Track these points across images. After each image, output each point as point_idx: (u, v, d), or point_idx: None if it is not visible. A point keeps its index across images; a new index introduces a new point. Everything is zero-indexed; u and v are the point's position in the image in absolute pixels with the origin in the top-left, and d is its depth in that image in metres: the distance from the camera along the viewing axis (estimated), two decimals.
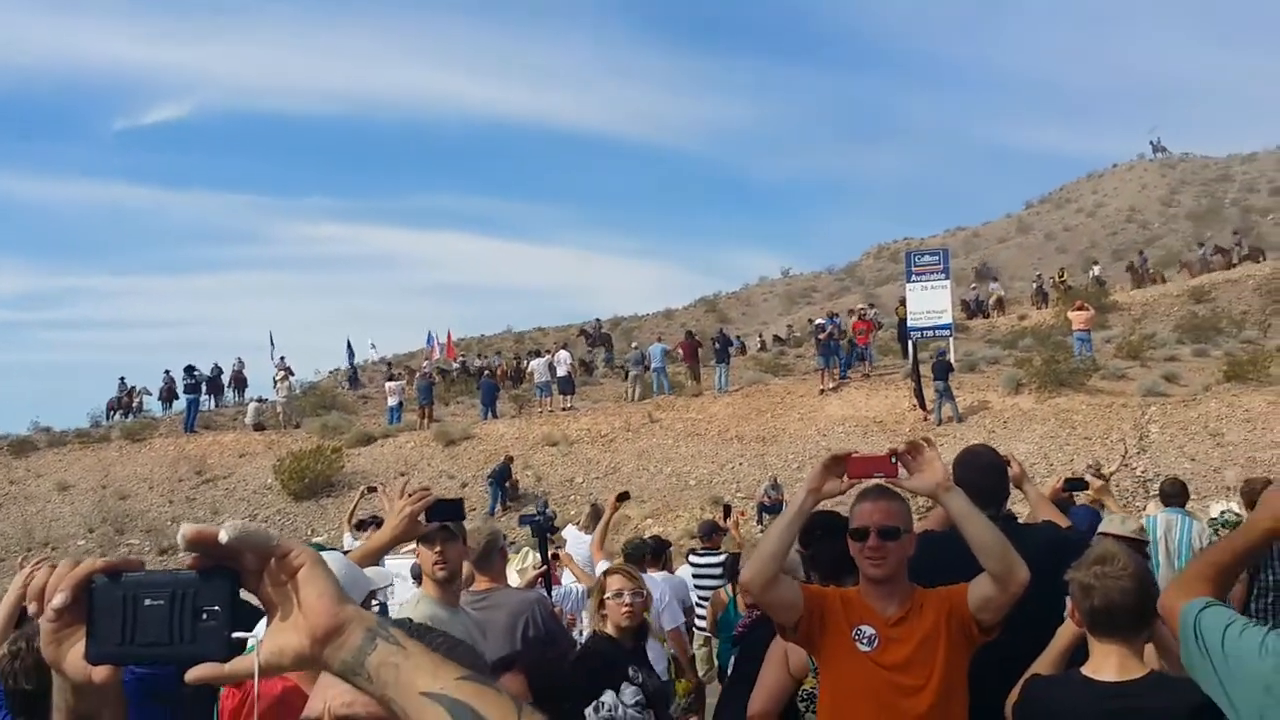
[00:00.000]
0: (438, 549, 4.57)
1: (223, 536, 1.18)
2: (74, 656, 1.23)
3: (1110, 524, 5.82)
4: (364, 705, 1.45)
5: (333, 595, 1.20)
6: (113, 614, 1.20)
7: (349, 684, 1.21)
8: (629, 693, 4.62)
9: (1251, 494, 9.22)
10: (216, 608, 1.19)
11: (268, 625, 1.23)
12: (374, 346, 55.13)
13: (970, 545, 3.41)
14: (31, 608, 1.24)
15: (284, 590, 1.22)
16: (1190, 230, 69.32)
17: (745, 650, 5.18)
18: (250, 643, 1.23)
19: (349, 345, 48.92)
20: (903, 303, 32.20)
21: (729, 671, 5.88)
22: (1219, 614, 2.70)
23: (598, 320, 55.92)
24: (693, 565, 10.95)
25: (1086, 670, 3.32)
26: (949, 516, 3.62)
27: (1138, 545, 5.52)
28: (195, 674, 1.19)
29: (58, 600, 1.20)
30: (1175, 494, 9.67)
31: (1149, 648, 3.48)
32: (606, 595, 4.99)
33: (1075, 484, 6.69)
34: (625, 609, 4.91)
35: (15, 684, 3.78)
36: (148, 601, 1.19)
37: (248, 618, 1.28)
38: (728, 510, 13.30)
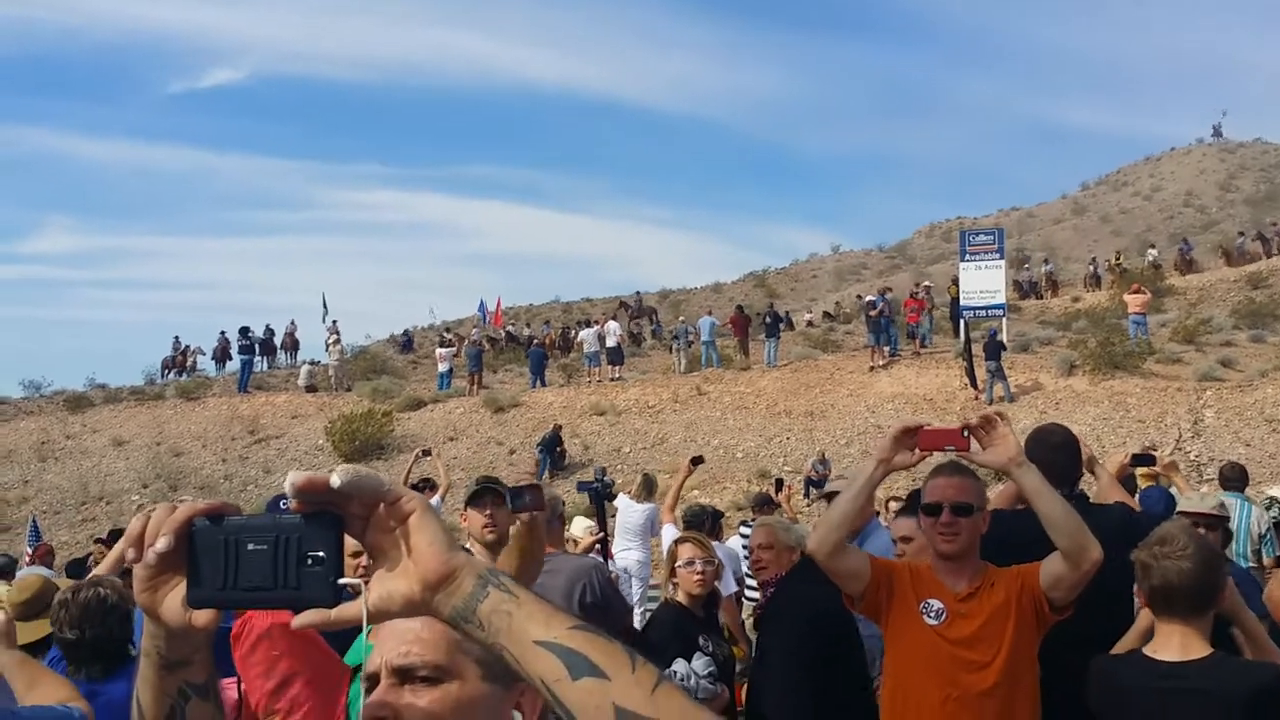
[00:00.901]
0: (487, 512, 4.58)
1: (335, 481, 1.16)
2: (171, 602, 1.22)
3: (1189, 502, 5.73)
4: (419, 655, 1.47)
5: (444, 542, 1.18)
6: (214, 558, 1.18)
7: (461, 631, 1.19)
8: (700, 663, 4.63)
9: None
10: (322, 553, 1.17)
11: (372, 572, 1.21)
12: (433, 311, 55.79)
13: (1042, 522, 3.39)
14: (130, 554, 1.22)
15: (392, 536, 1.20)
16: (1248, 216, 68.21)
17: (766, 628, 5.19)
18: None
19: (407, 334, 49.99)
20: (955, 282, 31.94)
21: (753, 650, 5.86)
22: None
23: (638, 293, 55.98)
24: (744, 537, 10.96)
25: (1149, 650, 3.31)
26: (1020, 492, 3.59)
27: (1219, 521, 5.43)
28: (302, 620, 1.18)
29: (161, 544, 1.18)
30: (1235, 478, 9.55)
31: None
32: (678, 564, 4.99)
33: (1143, 459, 6.58)
34: (697, 577, 4.92)
35: (61, 632, 3.91)
36: (251, 546, 1.17)
37: None
38: (779, 484, 13.27)
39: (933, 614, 3.58)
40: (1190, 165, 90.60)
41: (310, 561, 1.17)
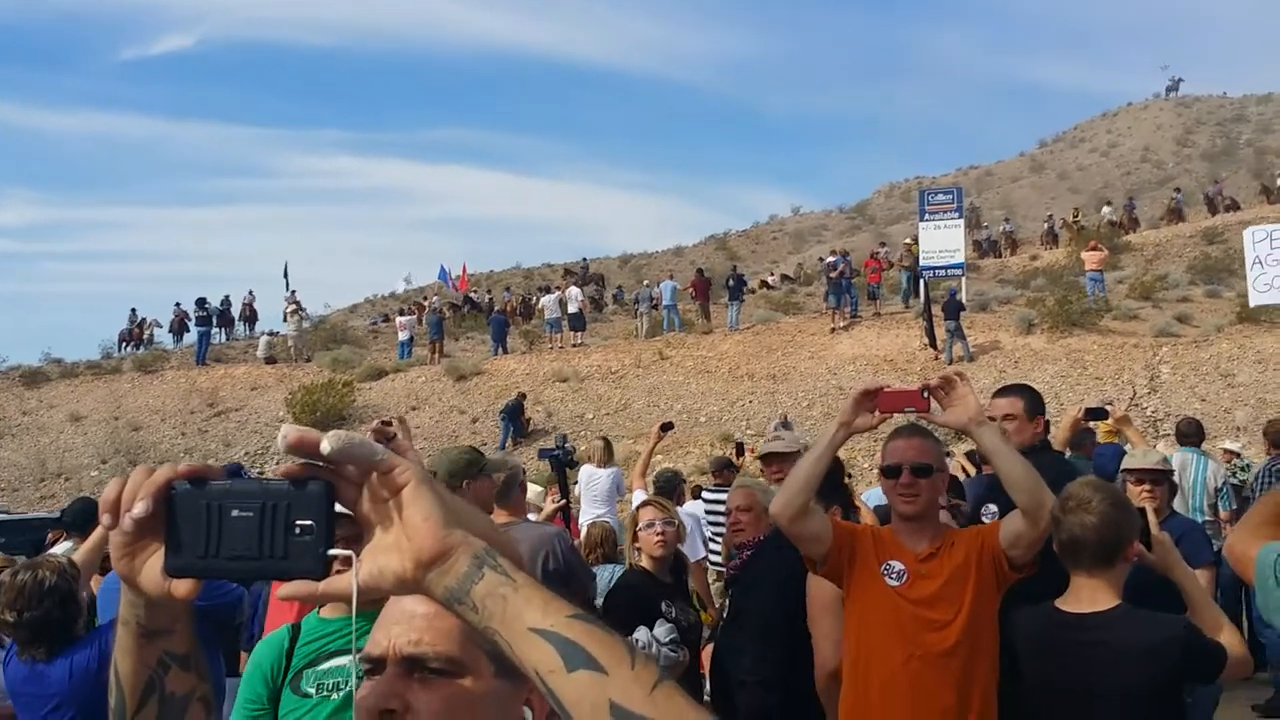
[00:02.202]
0: (465, 483, 4.58)
1: (324, 447, 1.09)
2: (150, 570, 1.15)
3: (1133, 458, 5.76)
4: (430, 645, 1.39)
5: (439, 518, 1.12)
6: (196, 524, 1.12)
7: (454, 613, 1.13)
8: (663, 629, 4.63)
9: (1275, 434, 9.27)
10: (311, 522, 1.10)
11: (365, 544, 1.15)
12: (409, 279, 55.84)
13: (1002, 480, 3.41)
14: (104, 520, 1.15)
15: (385, 508, 1.13)
16: (1205, 171, 68.84)
17: (740, 590, 5.20)
18: None
19: (385, 315, 49.95)
20: (915, 241, 32.06)
21: (724, 613, 5.87)
22: None
23: (584, 259, 56.03)
24: (705, 501, 10.98)
25: (1059, 602, 3.43)
26: (983, 450, 3.61)
27: (1163, 476, 5.47)
28: (289, 591, 1.12)
29: (138, 509, 1.11)
30: (1191, 433, 9.65)
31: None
32: (639, 527, 5.01)
33: (1096, 413, 6.62)
34: (658, 538, 4.93)
35: (0, 614, 3.87)
36: (235, 512, 1.11)
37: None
38: (740, 448, 13.28)
39: (894, 575, 3.59)
40: (1147, 121, 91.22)
41: (299, 530, 1.11)
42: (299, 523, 1.11)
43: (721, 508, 10.28)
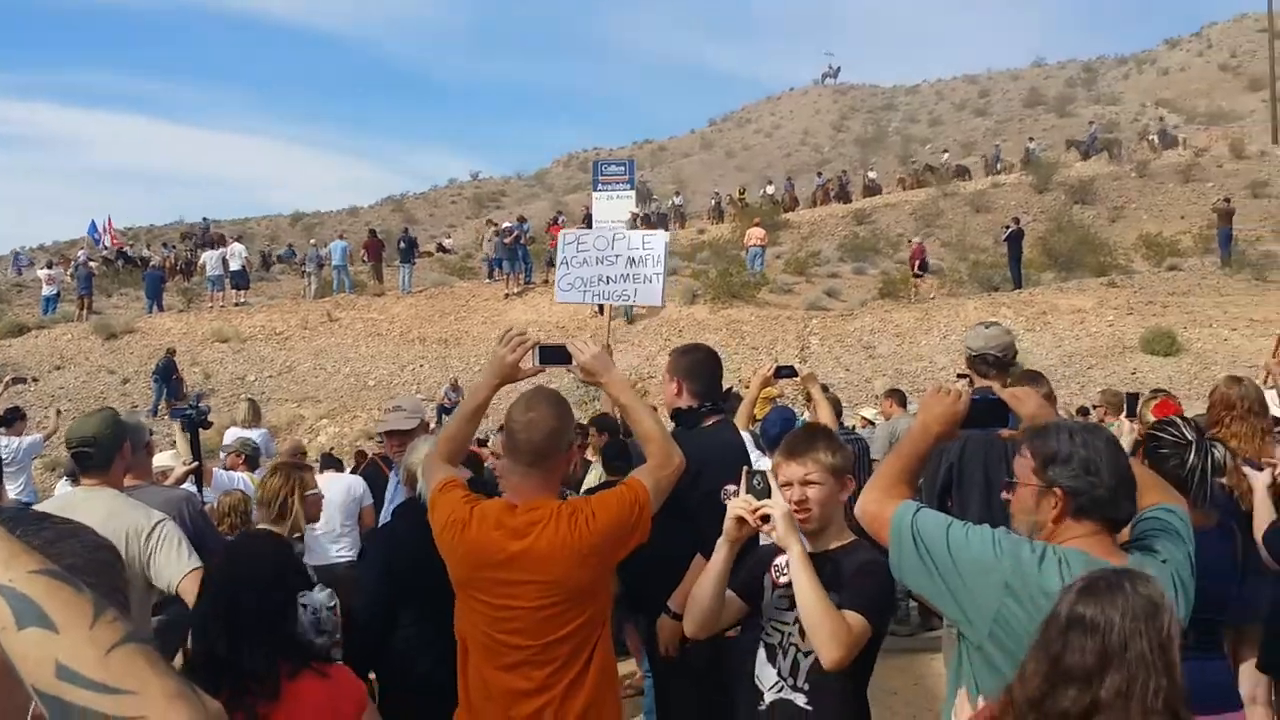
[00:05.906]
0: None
1: None
2: None
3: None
4: None
5: None
6: None
7: None
8: (325, 594, 4.59)
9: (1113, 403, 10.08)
10: None
11: None
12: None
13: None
14: None
15: None
16: (857, 155, 73.46)
17: None
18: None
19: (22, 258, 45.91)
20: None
21: None
22: (934, 516, 2.69)
23: (205, 219, 54.47)
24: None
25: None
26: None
27: None
28: None
29: None
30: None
31: None
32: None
33: (786, 371, 6.67)
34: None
35: None
36: None
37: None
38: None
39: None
40: (807, 105, 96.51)
41: None
42: None
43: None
